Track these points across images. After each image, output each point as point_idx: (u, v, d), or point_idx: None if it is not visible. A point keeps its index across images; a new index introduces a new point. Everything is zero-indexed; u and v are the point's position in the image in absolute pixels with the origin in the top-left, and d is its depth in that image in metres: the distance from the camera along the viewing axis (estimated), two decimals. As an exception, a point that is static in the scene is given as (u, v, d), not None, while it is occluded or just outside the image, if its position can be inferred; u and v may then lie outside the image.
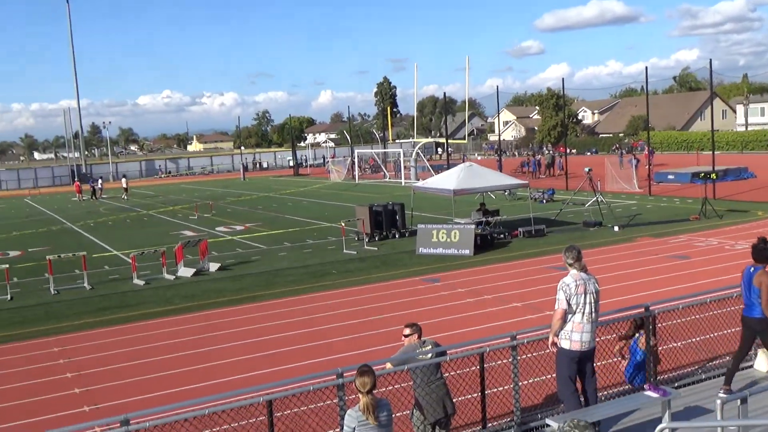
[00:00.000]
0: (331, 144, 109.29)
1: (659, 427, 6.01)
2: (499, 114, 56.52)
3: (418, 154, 54.36)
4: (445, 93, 71.47)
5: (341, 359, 11.48)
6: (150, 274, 20.58)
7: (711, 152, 34.60)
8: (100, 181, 59.72)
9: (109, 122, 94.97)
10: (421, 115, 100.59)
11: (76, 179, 65.30)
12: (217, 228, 31.25)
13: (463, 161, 34.56)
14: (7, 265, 20.09)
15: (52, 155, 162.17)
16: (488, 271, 18.65)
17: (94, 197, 54.67)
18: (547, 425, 7.74)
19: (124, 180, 55.99)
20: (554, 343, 7.65)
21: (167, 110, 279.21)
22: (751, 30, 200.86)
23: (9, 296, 18.58)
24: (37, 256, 24.98)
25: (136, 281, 19.65)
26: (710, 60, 32.35)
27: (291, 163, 79.34)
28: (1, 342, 14.41)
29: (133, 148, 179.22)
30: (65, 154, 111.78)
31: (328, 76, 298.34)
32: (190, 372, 11.80)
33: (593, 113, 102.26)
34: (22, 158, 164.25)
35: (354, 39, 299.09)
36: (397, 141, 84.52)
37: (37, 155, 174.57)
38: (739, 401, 6.31)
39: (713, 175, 29.43)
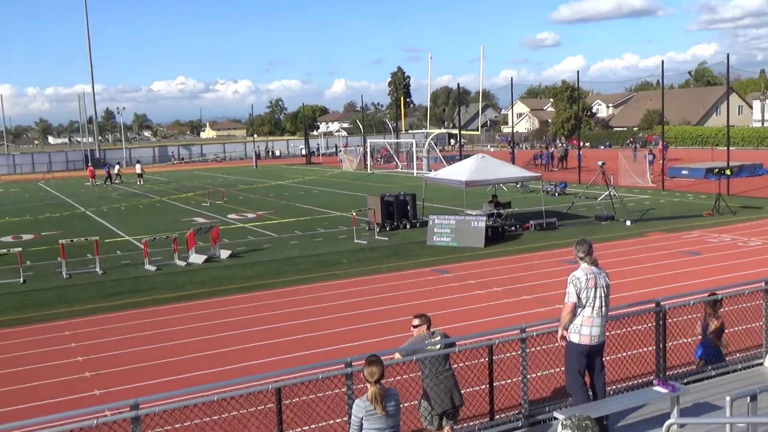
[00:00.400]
0: (344, 133, 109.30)
1: (667, 422, 5.99)
2: (512, 106, 56.11)
3: (430, 144, 54.26)
4: (459, 84, 71.31)
5: (350, 348, 11.51)
6: (161, 260, 20.69)
7: (726, 148, 34.31)
8: (117, 166, 59.99)
9: (123, 108, 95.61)
10: (434, 106, 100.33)
11: (89, 164, 65.65)
12: (229, 215, 31.34)
13: (460, 156, 34.37)
14: (20, 249, 20.26)
15: (66, 140, 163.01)
16: (499, 264, 18.62)
17: (109, 182, 54.97)
18: (555, 418, 7.73)
19: (138, 166, 56.10)
20: (563, 337, 7.63)
21: (181, 97, 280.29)
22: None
23: (22, 279, 18.73)
24: (50, 240, 25.16)
25: (147, 267, 19.76)
26: (727, 55, 32.07)
27: (303, 152, 79.38)
28: (13, 325, 14.55)
29: (146, 134, 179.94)
30: (79, 139, 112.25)
31: (341, 65, 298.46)
32: (200, 358, 11.88)
33: (608, 106, 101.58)
34: (36, 142, 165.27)
35: (369, 28, 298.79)
36: (409, 131, 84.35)
37: (51, 140, 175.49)
38: (748, 398, 6.28)
39: (728, 171, 29.20)
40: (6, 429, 5.72)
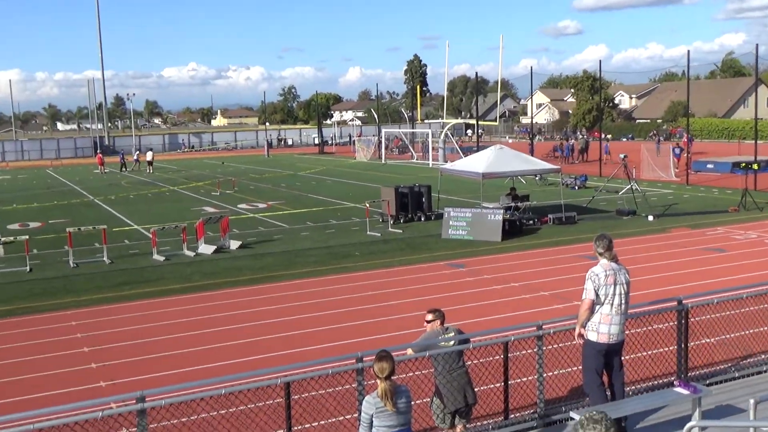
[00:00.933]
0: (358, 122, 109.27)
1: (688, 425, 5.95)
2: (532, 96, 55.85)
3: (447, 135, 54.13)
4: (477, 73, 71.22)
5: (361, 343, 11.52)
6: (170, 250, 20.79)
7: (753, 141, 33.97)
8: (137, 153, 60.08)
9: (133, 94, 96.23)
10: (451, 95, 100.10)
11: (98, 151, 66.03)
12: (239, 205, 31.44)
13: (477, 147, 34.15)
14: (27, 237, 20.42)
15: (75, 126, 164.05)
16: (516, 258, 18.57)
17: (124, 169, 55.22)
18: (571, 418, 7.70)
19: (149, 153, 56.20)
20: (581, 335, 7.59)
21: (192, 83, 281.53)
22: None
23: (28, 268, 18.88)
24: (57, 228, 25.35)
25: (155, 257, 19.86)
26: (756, 45, 31.68)
27: (316, 141, 79.48)
28: (19, 314, 14.67)
29: (156, 121, 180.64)
30: (88, 126, 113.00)
31: (357, 53, 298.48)
32: (208, 351, 11.93)
33: (631, 97, 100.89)
34: (45, 128, 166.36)
35: (385, 15, 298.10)
36: (426, 121, 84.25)
37: (60, 126, 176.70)
38: (773, 402, 6.22)
39: (755, 166, 28.88)
40: (11, 419, 5.76)
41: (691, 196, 30.02)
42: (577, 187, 33.37)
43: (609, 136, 71.51)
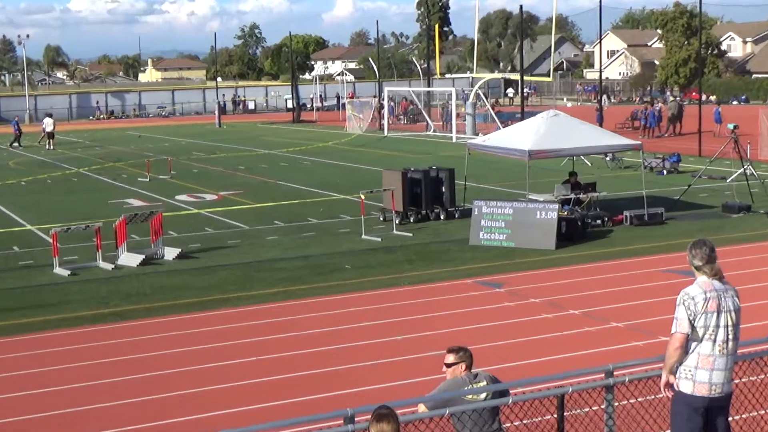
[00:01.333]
0: (350, 77, 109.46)
1: None
2: (601, 40, 55.82)
3: (478, 95, 54.19)
4: (521, 6, 70.89)
5: (352, 396, 11.56)
6: (78, 261, 20.83)
7: None
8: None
9: (27, 36, 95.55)
10: (484, 39, 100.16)
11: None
12: (178, 196, 31.54)
13: (522, 113, 33.96)
14: None
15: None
16: (576, 274, 18.59)
17: (17, 144, 55.22)
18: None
19: (49, 121, 56.18)
20: (669, 384, 7.59)
21: (112, 21, 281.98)
22: None
23: None
24: None
25: (57, 270, 19.89)
26: None
27: (290, 104, 79.56)
28: None
29: (60, 74, 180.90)
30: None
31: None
32: (131, 406, 11.93)
33: (745, 42, 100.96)
34: None
35: None
36: (447, 76, 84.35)
37: None
38: None
39: None
40: None
41: (831, 184, 30.03)
42: (665, 172, 33.39)
43: (713, 98, 71.54)
